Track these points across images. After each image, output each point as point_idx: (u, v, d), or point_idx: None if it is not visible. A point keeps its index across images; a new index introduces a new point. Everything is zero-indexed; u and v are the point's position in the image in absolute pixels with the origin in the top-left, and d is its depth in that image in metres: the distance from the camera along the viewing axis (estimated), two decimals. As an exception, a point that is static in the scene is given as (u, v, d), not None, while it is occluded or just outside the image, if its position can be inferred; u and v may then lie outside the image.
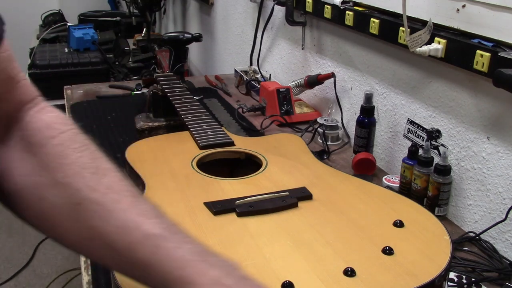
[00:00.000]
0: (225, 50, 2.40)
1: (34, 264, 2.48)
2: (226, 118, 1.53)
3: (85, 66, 2.32)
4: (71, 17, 3.49)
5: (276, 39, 1.82)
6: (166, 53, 1.70)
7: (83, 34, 2.51)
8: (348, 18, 1.27)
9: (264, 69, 1.93)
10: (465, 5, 0.93)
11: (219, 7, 2.39)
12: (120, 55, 2.61)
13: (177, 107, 1.17)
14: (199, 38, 1.66)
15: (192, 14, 2.94)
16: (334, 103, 1.44)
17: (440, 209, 1.01)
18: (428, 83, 1.08)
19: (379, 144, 1.26)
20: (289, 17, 1.55)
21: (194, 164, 0.93)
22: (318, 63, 1.54)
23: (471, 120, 0.97)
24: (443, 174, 0.98)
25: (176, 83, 1.31)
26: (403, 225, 0.73)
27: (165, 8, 3.39)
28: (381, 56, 1.22)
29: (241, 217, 0.75)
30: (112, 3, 4.25)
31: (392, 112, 1.20)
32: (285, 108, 1.49)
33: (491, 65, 0.87)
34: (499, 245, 0.93)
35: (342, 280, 0.62)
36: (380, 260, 0.66)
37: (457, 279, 0.83)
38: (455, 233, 0.99)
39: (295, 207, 0.78)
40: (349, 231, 0.72)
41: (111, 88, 1.86)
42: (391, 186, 1.10)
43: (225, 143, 1.02)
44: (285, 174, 0.89)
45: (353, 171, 1.18)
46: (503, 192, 0.92)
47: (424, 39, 0.98)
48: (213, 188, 0.84)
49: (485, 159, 0.95)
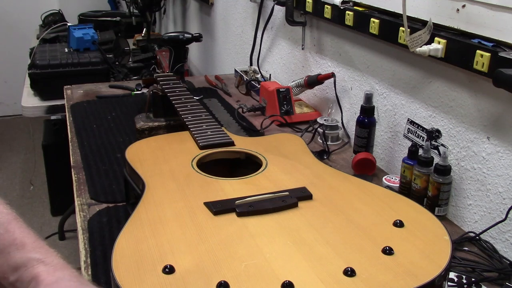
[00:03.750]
0: (225, 50, 2.40)
1: (34, 264, 2.47)
2: (226, 118, 1.53)
3: (85, 66, 2.31)
4: (71, 17, 3.49)
5: (276, 39, 1.82)
6: (166, 53, 1.70)
7: (83, 34, 2.51)
8: (348, 18, 1.27)
9: (264, 69, 1.93)
10: (465, 5, 0.93)
11: (219, 7, 2.39)
12: (120, 55, 2.61)
13: (177, 107, 1.17)
14: (199, 38, 1.66)
15: (192, 14, 2.94)
16: (334, 103, 1.44)
17: (440, 209, 1.01)
18: (428, 83, 1.08)
19: (379, 144, 1.26)
20: (289, 17, 1.55)
21: (194, 164, 0.93)
22: (318, 63, 1.54)
23: (471, 120, 0.97)
24: (443, 174, 0.98)
25: (176, 83, 1.31)
26: (403, 225, 0.73)
27: (165, 8, 3.40)
28: (381, 56, 1.22)
29: (241, 217, 0.75)
30: (112, 3, 4.25)
31: (392, 112, 1.20)
32: (285, 108, 1.49)
33: (491, 65, 0.87)
34: (499, 245, 0.93)
35: (342, 280, 0.62)
36: (380, 260, 0.66)
37: (457, 279, 0.83)
38: (455, 233, 0.99)
39: (295, 207, 0.78)
40: (349, 231, 0.72)
41: (111, 88, 1.86)
42: (391, 186, 1.10)
43: (225, 143, 1.02)
44: (285, 174, 0.89)
45: (353, 171, 1.18)
46: (503, 192, 0.92)
47: (424, 39, 0.98)
48: (213, 188, 0.84)
49: (485, 159, 0.95)
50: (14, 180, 3.27)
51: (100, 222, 1.00)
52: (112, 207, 1.05)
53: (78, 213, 1.04)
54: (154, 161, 0.95)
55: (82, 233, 0.97)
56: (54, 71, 2.25)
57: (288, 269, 0.63)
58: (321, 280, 0.62)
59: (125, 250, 0.67)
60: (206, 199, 0.79)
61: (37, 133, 3.55)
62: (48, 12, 3.44)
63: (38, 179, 3.22)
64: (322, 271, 0.63)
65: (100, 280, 0.83)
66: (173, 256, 0.65)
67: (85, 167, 1.22)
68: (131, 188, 0.94)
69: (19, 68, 3.65)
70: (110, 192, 1.11)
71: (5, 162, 3.50)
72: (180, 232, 0.71)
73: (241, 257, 0.66)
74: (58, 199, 2.72)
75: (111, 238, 0.94)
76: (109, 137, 1.39)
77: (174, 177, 0.88)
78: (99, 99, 1.72)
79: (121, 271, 0.62)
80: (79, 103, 1.67)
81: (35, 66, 2.23)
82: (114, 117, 1.54)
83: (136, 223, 0.73)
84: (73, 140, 1.38)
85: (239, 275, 0.62)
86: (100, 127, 1.46)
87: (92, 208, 1.05)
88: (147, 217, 0.75)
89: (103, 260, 0.88)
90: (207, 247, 0.68)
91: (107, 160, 1.26)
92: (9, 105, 4.28)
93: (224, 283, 0.60)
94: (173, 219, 0.74)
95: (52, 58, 2.30)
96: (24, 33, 4.04)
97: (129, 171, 0.96)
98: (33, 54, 2.40)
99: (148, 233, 0.71)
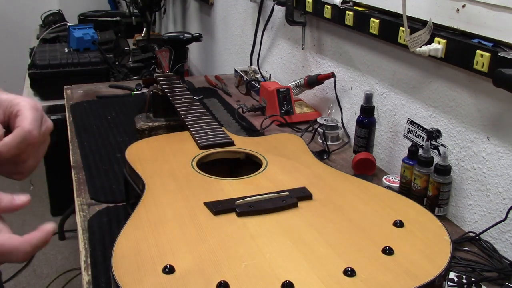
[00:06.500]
0: (225, 50, 2.40)
1: (34, 264, 2.48)
2: (226, 118, 1.53)
3: (85, 66, 2.32)
4: (71, 17, 3.49)
5: (276, 39, 1.82)
6: (166, 53, 1.70)
7: (83, 34, 2.51)
8: (348, 18, 1.27)
9: (264, 69, 1.93)
10: (465, 5, 0.93)
11: (219, 7, 2.39)
12: (120, 55, 2.61)
13: (177, 107, 1.17)
14: (199, 38, 1.66)
15: (192, 14, 2.94)
16: (334, 103, 1.44)
17: (440, 209, 1.01)
18: (428, 83, 1.08)
19: (379, 144, 1.26)
20: (289, 17, 1.55)
21: (194, 164, 0.93)
22: (318, 63, 1.54)
23: (471, 120, 0.97)
24: (443, 174, 0.98)
25: (176, 83, 1.31)
26: (403, 225, 0.73)
27: (165, 8, 3.40)
28: (381, 56, 1.22)
29: (241, 217, 0.75)
30: (112, 3, 4.25)
31: (392, 112, 1.20)
32: (285, 108, 1.49)
33: (491, 65, 0.87)
34: (499, 245, 0.93)
35: (342, 280, 0.62)
36: (380, 260, 0.66)
37: (457, 279, 0.83)
38: (455, 233, 0.99)
39: (295, 207, 0.78)
40: (349, 231, 0.72)
41: (111, 88, 1.86)
42: (391, 186, 1.10)
43: (225, 143, 1.02)
44: (285, 174, 0.89)
45: (353, 171, 1.18)
46: (503, 192, 0.92)
47: (424, 39, 0.98)
48: (213, 188, 0.84)
49: (485, 159, 0.95)
50: (14, 180, 3.27)
51: (100, 222, 1.00)
52: (112, 207, 1.05)
53: (78, 213, 1.04)
54: (154, 161, 0.95)
55: (82, 233, 0.97)
56: (54, 71, 2.25)
57: (288, 269, 0.63)
58: (321, 280, 0.62)
59: (125, 250, 0.67)
60: (206, 199, 0.79)
61: (37, 133, 3.54)
62: (48, 12, 3.44)
63: (38, 179, 3.21)
64: (322, 271, 0.63)
65: (100, 280, 0.83)
66: (173, 256, 0.65)
67: (85, 167, 1.22)
68: (131, 188, 0.94)
69: (19, 68, 3.65)
70: (110, 192, 1.11)
71: (5, 162, 3.50)
72: (180, 232, 0.71)
73: (241, 257, 0.66)
74: (58, 199, 2.72)
75: (111, 238, 0.94)
76: (109, 137, 1.39)
77: (174, 177, 0.88)
78: (99, 99, 1.72)
79: (121, 271, 0.62)
80: (79, 103, 1.67)
81: (35, 66, 2.23)
82: (114, 117, 1.54)
83: (136, 223, 0.73)
84: (73, 140, 1.38)
85: (239, 275, 0.62)
86: (100, 127, 1.46)
87: (92, 208, 1.05)
88: (147, 217, 0.75)
89: (103, 260, 0.88)
90: (207, 247, 0.68)
91: (107, 160, 1.26)
92: (9, 105, 4.28)
93: (224, 283, 0.60)
94: (173, 219, 0.74)
95: (52, 58, 2.30)
96: (24, 33, 4.04)
97: (129, 171, 0.96)
98: (33, 54, 2.40)
99: (148, 233, 0.71)
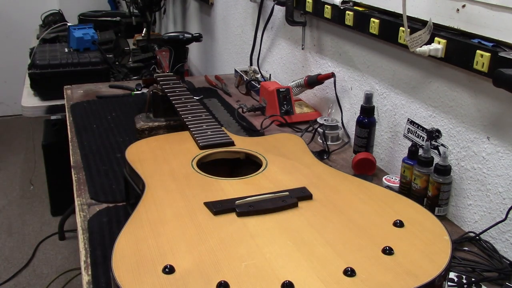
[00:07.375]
0: (225, 50, 2.40)
1: (34, 264, 2.48)
2: (226, 118, 1.53)
3: (85, 66, 2.31)
4: (71, 17, 3.49)
5: (276, 39, 1.82)
6: (166, 53, 1.70)
7: (83, 34, 2.51)
8: (348, 18, 1.27)
9: (264, 69, 1.93)
10: (465, 5, 0.93)
11: (219, 7, 2.39)
12: (120, 55, 2.61)
13: (177, 107, 1.17)
14: (199, 38, 1.66)
15: (192, 14, 2.94)
16: (334, 103, 1.44)
17: (440, 209, 1.01)
18: (428, 83, 1.08)
19: (379, 144, 1.26)
20: (289, 17, 1.55)
21: (194, 164, 0.93)
22: (318, 63, 1.54)
23: (471, 120, 0.97)
24: (443, 174, 0.98)
25: (176, 83, 1.31)
26: (403, 225, 0.73)
27: (165, 8, 3.40)
28: (381, 56, 1.22)
29: (241, 217, 0.75)
30: (112, 3, 4.25)
31: (392, 112, 1.20)
32: (285, 108, 1.49)
33: (491, 65, 0.87)
34: (499, 245, 0.93)
35: (342, 280, 0.62)
36: (380, 260, 0.66)
37: (457, 279, 0.83)
38: (455, 233, 0.99)
39: (295, 207, 0.78)
40: (349, 231, 0.72)
41: (111, 88, 1.86)
42: (391, 186, 1.10)
43: (225, 143, 1.02)
44: (285, 174, 0.89)
45: (353, 171, 1.18)
46: (503, 192, 0.92)
47: (424, 39, 0.98)
48: (213, 188, 0.84)
49: (485, 159, 0.95)
50: (14, 180, 3.27)
51: (100, 222, 1.00)
52: (112, 207, 1.05)
53: (78, 213, 1.04)
54: (154, 161, 0.95)
55: (82, 233, 0.97)
56: (54, 71, 2.25)
57: (288, 269, 0.64)
58: (321, 280, 0.62)
59: (125, 250, 0.67)
60: (206, 199, 0.79)
61: (37, 133, 3.55)
62: (48, 12, 3.44)
63: (38, 179, 3.22)
64: (322, 271, 0.63)
65: (100, 280, 0.83)
66: (173, 256, 0.65)
67: (85, 167, 1.22)
68: (131, 188, 0.94)
69: (19, 68, 3.66)
70: (110, 192, 1.11)
71: (5, 162, 3.51)
72: (180, 232, 0.71)
73: (241, 257, 0.66)
74: (58, 199, 2.72)
75: (111, 238, 0.94)
76: (109, 137, 1.39)
77: (174, 177, 0.88)
78: (99, 99, 1.72)
79: (121, 271, 0.62)
80: (79, 103, 1.67)
81: (35, 66, 2.23)
82: (114, 117, 1.54)
83: (136, 223, 0.73)
84: (73, 140, 1.38)
85: (239, 275, 0.62)
86: (100, 127, 1.47)
87: (92, 208, 1.05)
88: (147, 217, 0.75)
89: (103, 260, 0.88)
90: (207, 247, 0.68)
91: (107, 160, 1.26)
92: (9, 105, 4.29)
93: (224, 283, 0.60)
94: (173, 219, 0.74)
95: (52, 58, 2.30)
96: (24, 33, 4.04)
97: (129, 171, 0.96)
98: (33, 54, 2.40)
99: (148, 233, 0.71)
